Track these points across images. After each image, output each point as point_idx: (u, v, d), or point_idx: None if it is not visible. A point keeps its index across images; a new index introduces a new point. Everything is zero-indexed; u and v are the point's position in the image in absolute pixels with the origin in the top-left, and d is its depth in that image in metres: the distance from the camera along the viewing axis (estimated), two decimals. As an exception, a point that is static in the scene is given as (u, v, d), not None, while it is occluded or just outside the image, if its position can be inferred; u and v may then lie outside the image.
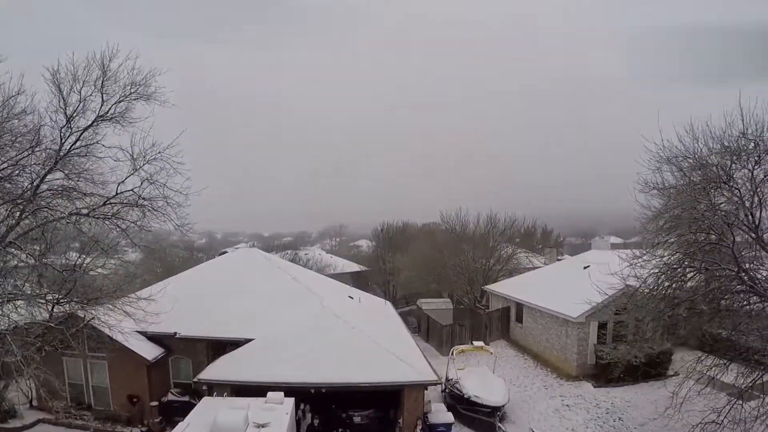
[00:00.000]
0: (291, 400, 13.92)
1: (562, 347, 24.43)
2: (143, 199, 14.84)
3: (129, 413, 20.36)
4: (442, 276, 42.84)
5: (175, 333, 20.82)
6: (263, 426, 11.95)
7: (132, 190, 14.87)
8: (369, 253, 71.45)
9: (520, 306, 29.82)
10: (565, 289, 25.70)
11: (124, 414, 20.46)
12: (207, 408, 13.24)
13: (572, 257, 36.30)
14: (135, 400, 20.40)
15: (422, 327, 38.03)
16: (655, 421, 17.08)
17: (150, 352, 20.48)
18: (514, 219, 44.17)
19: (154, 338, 21.24)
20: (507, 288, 32.98)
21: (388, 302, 31.68)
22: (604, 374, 22.11)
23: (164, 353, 21.01)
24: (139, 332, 20.80)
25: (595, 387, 21.63)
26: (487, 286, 36.61)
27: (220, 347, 19.68)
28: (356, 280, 54.17)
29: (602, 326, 23.33)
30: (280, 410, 13.05)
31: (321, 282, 29.19)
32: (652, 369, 21.78)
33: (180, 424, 12.40)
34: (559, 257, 57.72)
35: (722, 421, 12.73)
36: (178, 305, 22.36)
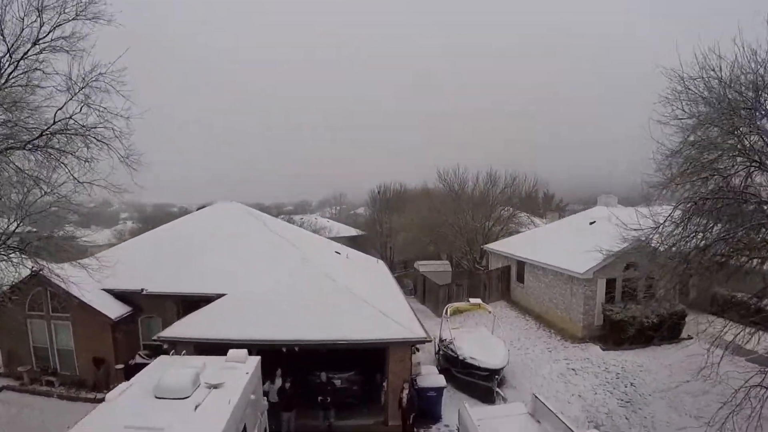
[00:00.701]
0: (256, 359, 12.05)
1: (566, 307, 22.54)
2: (84, 127, 12.75)
3: (94, 377, 18.80)
4: (440, 236, 40.96)
5: (142, 289, 19.16)
6: (216, 387, 10.09)
7: (70, 117, 12.77)
8: (367, 218, 69.71)
9: (521, 264, 27.89)
10: (570, 245, 23.77)
11: (89, 378, 18.95)
12: (160, 368, 11.38)
13: (577, 214, 34.14)
14: (100, 363, 18.81)
15: (418, 289, 36.40)
16: (677, 387, 15.27)
17: (114, 310, 18.86)
18: (515, 176, 41.82)
19: (121, 296, 19.66)
20: (508, 246, 30.97)
21: (380, 261, 29.78)
22: (612, 336, 20.23)
23: (131, 312, 19.38)
24: (106, 290, 19.29)
25: (603, 350, 19.74)
26: (486, 245, 34.64)
27: (192, 305, 17.75)
28: (354, 244, 52.26)
29: (610, 284, 21.38)
30: (241, 369, 11.19)
31: (305, 237, 27.31)
32: (666, 331, 19.89)
33: (122, 384, 10.56)
34: (563, 220, 55.76)
35: None
36: (149, 260, 20.74)
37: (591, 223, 25.82)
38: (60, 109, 12.58)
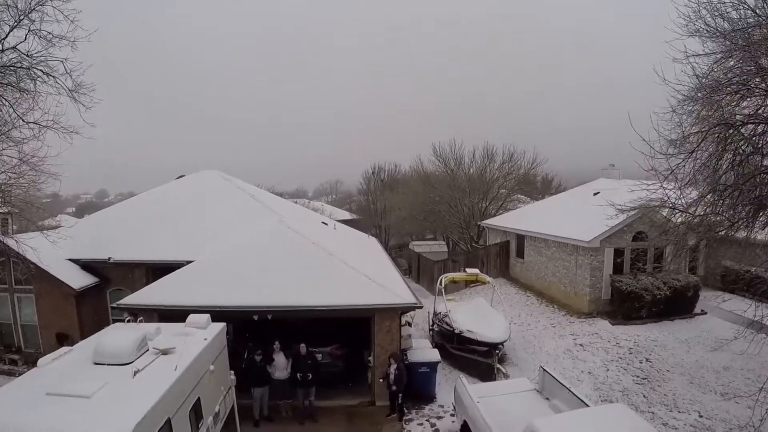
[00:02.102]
0: (220, 325, 10.40)
1: (571, 280, 20.95)
2: (27, 55, 11.03)
3: (60, 354, 17.21)
4: (436, 215, 39.34)
5: (109, 258, 17.55)
6: (165, 353, 8.45)
7: (15, 47, 11.05)
8: (361, 202, 68.27)
9: (521, 238, 26.28)
10: (574, 216, 22.31)
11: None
12: (103, 335, 9.73)
13: (579, 186, 32.53)
14: (64, 339, 17.20)
15: (413, 268, 34.86)
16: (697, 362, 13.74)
17: (78, 280, 17.33)
18: (513, 152, 39.89)
19: (88, 267, 18.08)
20: (506, 220, 29.40)
21: (372, 237, 28.16)
22: (622, 309, 18.65)
23: (97, 283, 17.79)
24: (72, 260, 18.03)
25: (612, 324, 18.14)
26: (484, 221, 33.04)
27: (162, 273, 16.13)
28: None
29: (618, 254, 19.80)
30: (199, 335, 9.55)
31: (289, 207, 25.70)
32: (681, 304, 18.39)
33: (60, 349, 8.93)
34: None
35: None
36: (118, 230, 19.17)
37: (595, 194, 24.24)
38: (4, 38, 10.84)
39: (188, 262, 15.59)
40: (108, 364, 8.01)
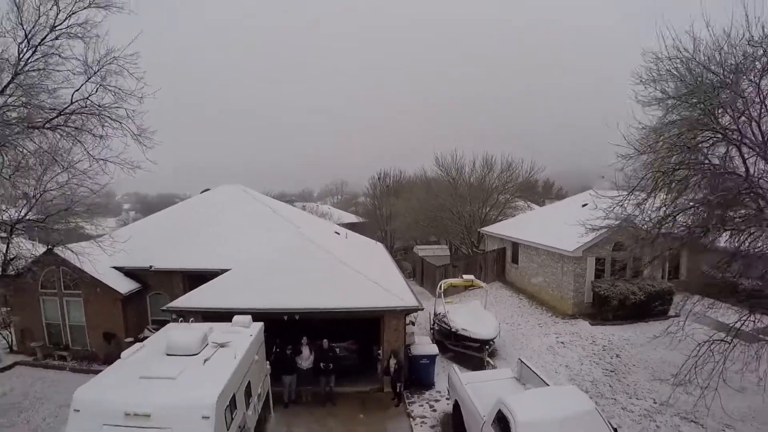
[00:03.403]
0: (259, 324, 12.93)
1: (558, 285, 23.39)
2: (100, 107, 13.56)
3: (105, 351, 19.68)
4: (439, 221, 41.72)
5: (150, 266, 20.04)
6: (223, 346, 10.96)
7: (87, 98, 13.58)
8: (367, 206, 70.51)
9: (515, 245, 28.71)
10: (563, 226, 24.62)
11: (100, 352, 19.87)
12: (167, 332, 12.26)
13: (573, 197, 34.92)
14: (111, 337, 19.72)
15: (417, 271, 37.30)
16: (660, 359, 16.14)
17: (124, 286, 19.78)
18: (510, 162, 42.33)
19: (130, 274, 20.57)
20: (503, 228, 31.80)
21: (379, 243, 30.62)
22: (601, 312, 21.07)
23: (140, 288, 20.25)
24: (116, 268, 20.23)
25: (591, 324, 20.58)
26: (483, 228, 35.47)
27: (197, 280, 18.56)
28: (354, 231, 53.11)
29: (600, 262, 22.21)
30: (245, 333, 12.08)
31: (305, 218, 28.22)
32: (654, 308, 20.75)
33: (134, 345, 11.42)
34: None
35: (731, 340, 11.61)
36: (156, 240, 21.56)
37: (583, 206, 26.54)
38: (77, 90, 13.39)
39: (221, 270, 18.06)
40: (179, 355, 10.49)
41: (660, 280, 22.27)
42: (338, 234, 25.44)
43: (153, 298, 20.67)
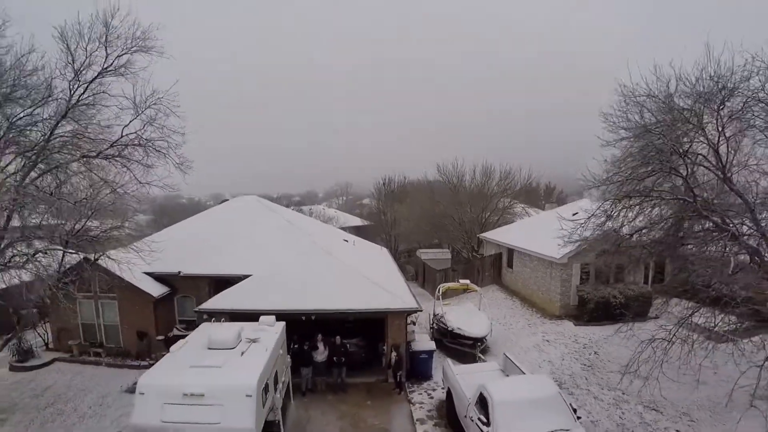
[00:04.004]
0: (282, 324, 15.20)
1: (547, 289, 25.59)
2: (145, 140, 15.87)
3: (138, 348, 21.91)
4: (440, 226, 43.96)
5: (179, 272, 22.15)
6: (254, 341, 13.23)
7: (135, 132, 15.90)
8: (372, 209, 72.58)
9: (511, 251, 30.91)
10: (554, 234, 26.71)
11: (133, 349, 22.03)
12: (204, 329, 14.54)
13: (567, 205, 37.05)
14: (143, 335, 21.94)
15: (419, 274, 39.55)
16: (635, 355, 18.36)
17: (156, 290, 21.88)
18: (509, 170, 44.66)
19: (160, 278, 22.63)
20: (500, 235, 34.02)
21: (384, 249, 32.87)
22: (584, 313, 23.23)
23: (169, 291, 22.39)
24: (147, 273, 22.16)
25: (575, 325, 22.75)
26: (481, 234, 37.71)
27: (221, 284, 20.82)
28: (359, 234, 55.23)
29: (584, 268, 24.37)
30: (271, 331, 14.32)
31: (315, 226, 30.52)
32: (634, 310, 22.78)
33: (179, 341, 13.67)
34: (562, 212, 58.52)
35: (672, 338, 13.85)
36: (182, 247, 23.74)
37: (573, 215, 28.66)
38: (125, 126, 15.71)
39: (243, 276, 20.31)
40: (219, 349, 12.75)
41: (641, 285, 24.39)
42: (346, 241, 27.67)
43: (180, 300, 22.88)
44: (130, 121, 15.76)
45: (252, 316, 15.64)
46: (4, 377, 20.53)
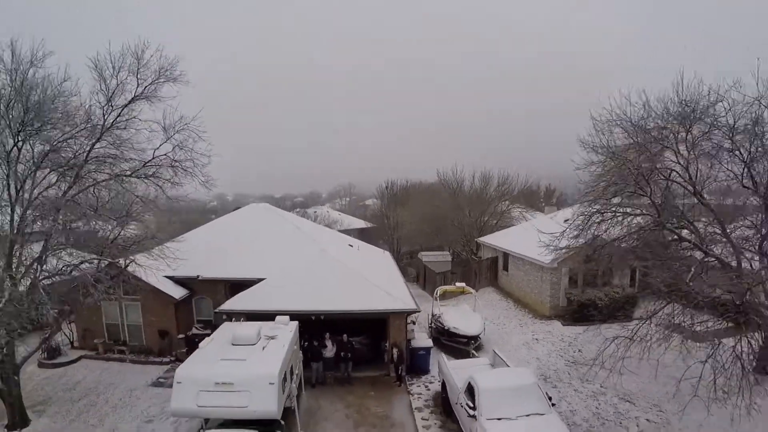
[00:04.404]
0: (295, 323, 17.14)
1: (538, 291, 27.47)
2: (175, 161, 17.80)
3: (159, 346, 23.79)
4: (441, 230, 45.89)
5: (198, 276, 24.00)
6: (272, 338, 15.16)
7: (165, 154, 17.83)
8: (375, 211, 74.54)
9: (506, 255, 32.80)
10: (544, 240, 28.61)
11: (155, 347, 23.90)
12: (227, 328, 16.48)
13: (563, 210, 38.92)
14: (165, 334, 23.83)
15: (420, 276, 41.49)
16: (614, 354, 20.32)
17: (176, 292, 23.68)
18: (507, 176, 46.67)
19: (179, 281, 24.37)
20: (496, 239, 35.94)
21: (386, 252, 34.80)
22: (572, 314, 25.10)
23: (188, 294, 24.21)
24: (168, 277, 23.75)
25: (563, 325, 24.63)
26: (479, 238, 39.62)
27: (236, 287, 22.70)
28: (362, 236, 57.24)
29: (573, 272, 26.23)
30: (286, 329, 16.25)
31: (321, 231, 32.54)
32: (619, 311, 24.60)
33: (206, 338, 15.61)
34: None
35: (632, 337, 15.78)
36: (200, 253, 25.63)
37: (565, 221, 30.57)
38: (157, 149, 17.63)
39: (257, 279, 22.15)
40: (243, 345, 14.66)
41: (626, 287, 26.25)
42: (351, 246, 29.62)
43: (198, 302, 24.76)
44: (161, 144, 17.61)
45: (267, 316, 17.53)
46: (34, 373, 22.09)
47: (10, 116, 15.49)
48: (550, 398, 13.92)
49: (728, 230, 16.31)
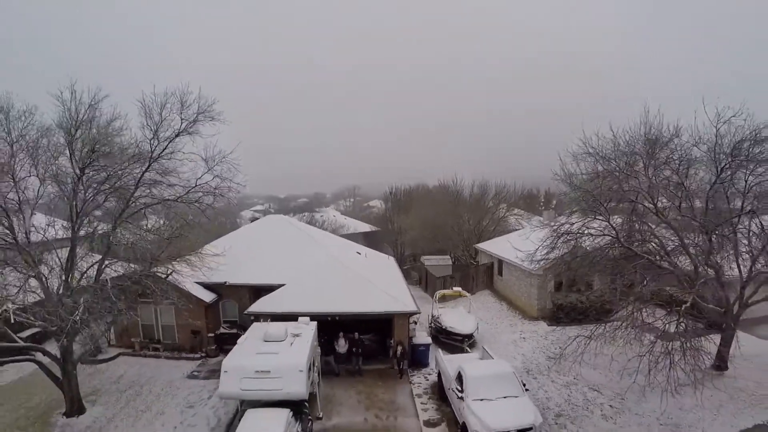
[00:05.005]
0: (314, 323, 20.35)
1: (527, 295, 30.62)
2: (214, 188, 21.07)
3: (191, 343, 26.93)
4: (442, 235, 49.09)
5: (225, 282, 27.11)
6: (297, 336, 18.36)
7: (207, 183, 21.10)
8: (380, 214, 77.76)
9: (501, 261, 35.95)
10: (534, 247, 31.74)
11: (187, 344, 26.97)
12: (256, 329, 19.66)
13: (558, 218, 42.07)
14: (196, 333, 27.01)
15: (422, 279, 44.72)
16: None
17: (207, 296, 26.67)
18: (504, 185, 49.94)
19: (208, 287, 27.35)
20: (492, 246, 39.09)
21: (391, 257, 38.03)
22: (557, 316, 28.25)
23: (217, 298, 27.36)
24: (198, 282, 26.72)
25: (548, 325, 27.81)
26: (477, 245, 42.80)
27: (258, 291, 25.93)
28: (368, 240, 60.56)
29: (558, 277, 29.37)
30: (307, 328, 19.44)
31: (333, 240, 35.83)
32: (598, 312, 27.55)
33: (242, 336, 18.81)
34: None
35: (590, 335, 18.99)
36: (225, 260, 28.88)
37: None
38: (199, 178, 20.85)
39: (277, 285, 25.32)
40: (273, 341, 17.86)
41: (607, 292, 29.30)
42: (359, 254, 32.86)
43: (224, 304, 27.93)
44: (202, 174, 20.83)
45: (288, 317, 20.74)
46: (78, 369, 25.04)
47: (74, 149, 18.69)
48: (524, 384, 17.15)
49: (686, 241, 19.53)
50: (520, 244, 33.10)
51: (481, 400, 15.99)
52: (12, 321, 17.17)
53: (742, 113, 17.65)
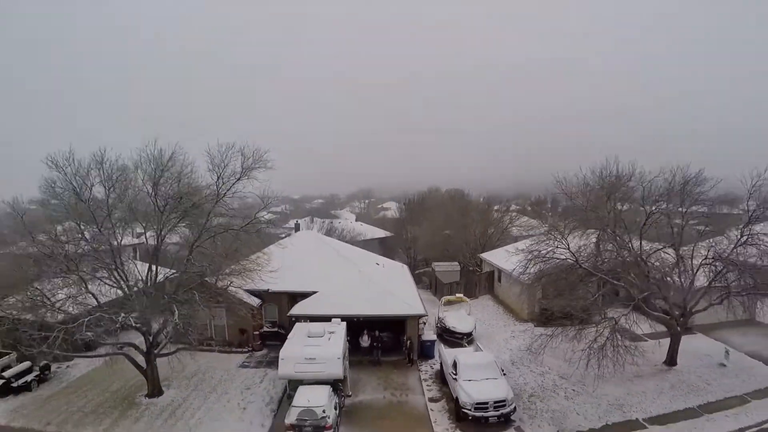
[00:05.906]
0: (344, 323, 25.99)
1: (520, 300, 36.08)
2: (267, 220, 26.97)
3: (239, 340, 32.46)
4: (451, 244, 54.52)
5: (268, 289, 32.48)
6: (332, 333, 24.11)
7: (263, 217, 27.00)
8: (394, 220, 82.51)
9: (500, 270, 41.43)
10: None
11: (235, 340, 32.47)
12: (300, 327, 25.39)
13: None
14: (244, 331, 32.63)
15: (432, 284, 50.41)
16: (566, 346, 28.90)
17: (254, 301, 32.27)
18: (507, 200, 55.32)
19: (254, 293, 32.60)
20: (493, 257, 44.61)
21: (405, 266, 43.76)
22: (544, 318, 33.50)
23: (261, 302, 33.17)
24: (246, 290, 31.63)
25: (536, 326, 33.05)
26: (481, 254, 48.35)
27: (294, 297, 31.59)
28: (383, 245, 66.28)
29: (545, 285, 34.67)
30: (340, 327, 25.13)
31: (354, 251, 41.68)
32: (583, 316, 32.62)
33: (290, 334, 24.59)
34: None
35: (551, 334, 24.57)
36: (266, 271, 34.65)
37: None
38: (257, 213, 26.73)
39: (311, 292, 31.01)
40: (316, 337, 23.61)
41: (590, 298, 34.59)
42: (378, 264, 38.69)
43: (266, 307, 33.61)
44: (258, 211, 26.79)
45: (323, 318, 26.38)
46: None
47: (157, 194, 24.64)
48: (502, 370, 22.90)
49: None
50: (513, 257, 38.91)
51: (470, 380, 21.73)
52: (132, 325, 22.89)
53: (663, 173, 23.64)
